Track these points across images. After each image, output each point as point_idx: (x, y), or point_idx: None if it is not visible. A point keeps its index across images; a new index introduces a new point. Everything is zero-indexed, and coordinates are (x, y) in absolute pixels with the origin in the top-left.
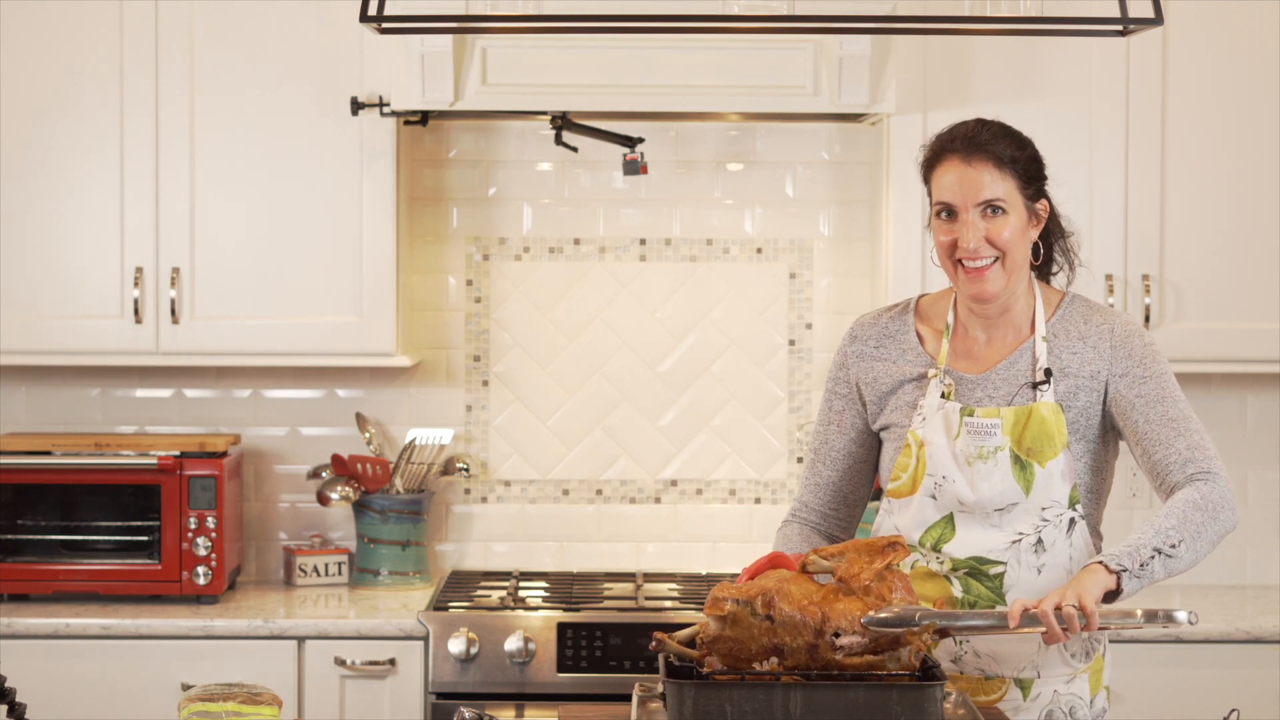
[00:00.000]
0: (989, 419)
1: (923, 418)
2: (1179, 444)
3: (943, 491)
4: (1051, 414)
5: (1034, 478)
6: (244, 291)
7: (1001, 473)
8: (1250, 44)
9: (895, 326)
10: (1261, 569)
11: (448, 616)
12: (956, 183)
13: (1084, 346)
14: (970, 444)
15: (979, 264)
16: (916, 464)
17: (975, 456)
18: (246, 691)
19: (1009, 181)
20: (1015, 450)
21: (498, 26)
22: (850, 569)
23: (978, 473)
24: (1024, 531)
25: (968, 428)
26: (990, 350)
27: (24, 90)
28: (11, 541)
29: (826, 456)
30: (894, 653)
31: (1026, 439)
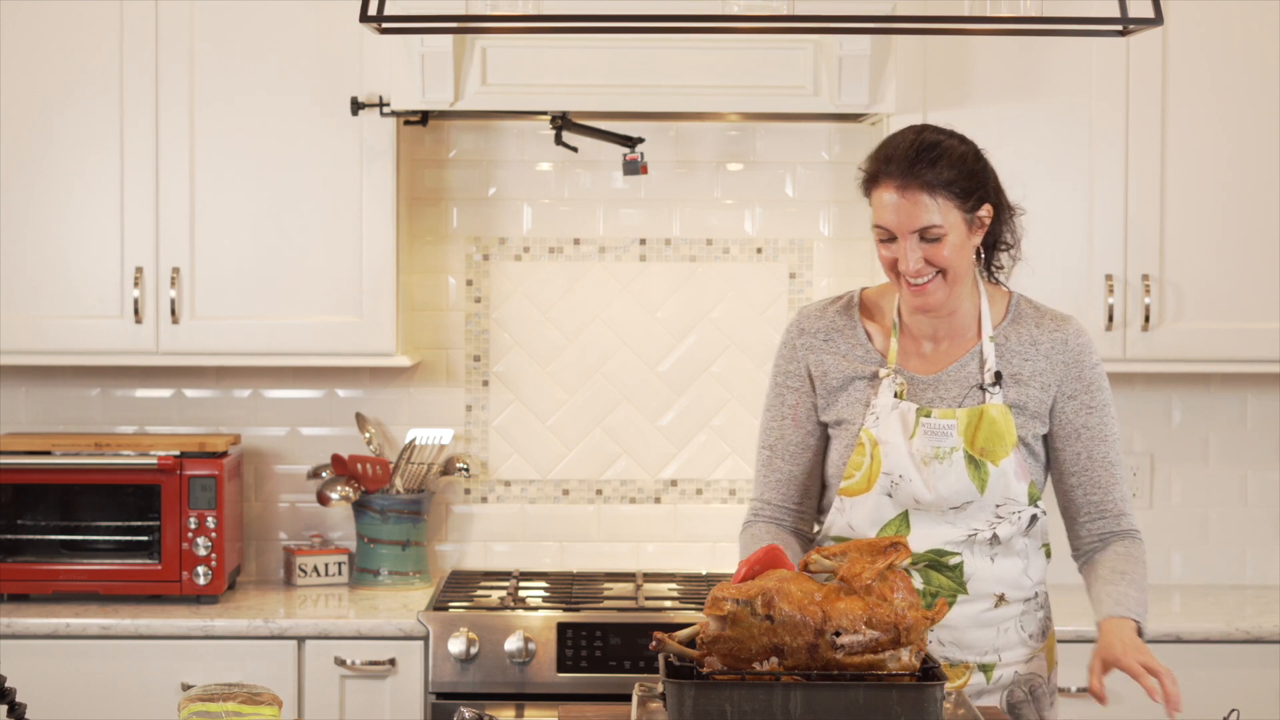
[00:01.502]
0: (945, 420)
1: (876, 416)
2: (1115, 493)
3: (899, 490)
4: (1001, 415)
5: (988, 476)
6: (244, 291)
7: (957, 472)
8: (1250, 44)
9: (842, 321)
10: (1261, 569)
11: (448, 616)
12: (893, 210)
13: (1036, 354)
14: (926, 444)
15: (921, 281)
16: (871, 462)
17: (931, 456)
18: (246, 691)
19: (946, 205)
20: (969, 450)
21: (498, 26)
22: (852, 569)
23: (934, 472)
24: (978, 528)
25: (924, 428)
26: (939, 352)
27: (24, 90)
28: (11, 541)
29: (785, 451)
30: (894, 652)
31: (979, 439)
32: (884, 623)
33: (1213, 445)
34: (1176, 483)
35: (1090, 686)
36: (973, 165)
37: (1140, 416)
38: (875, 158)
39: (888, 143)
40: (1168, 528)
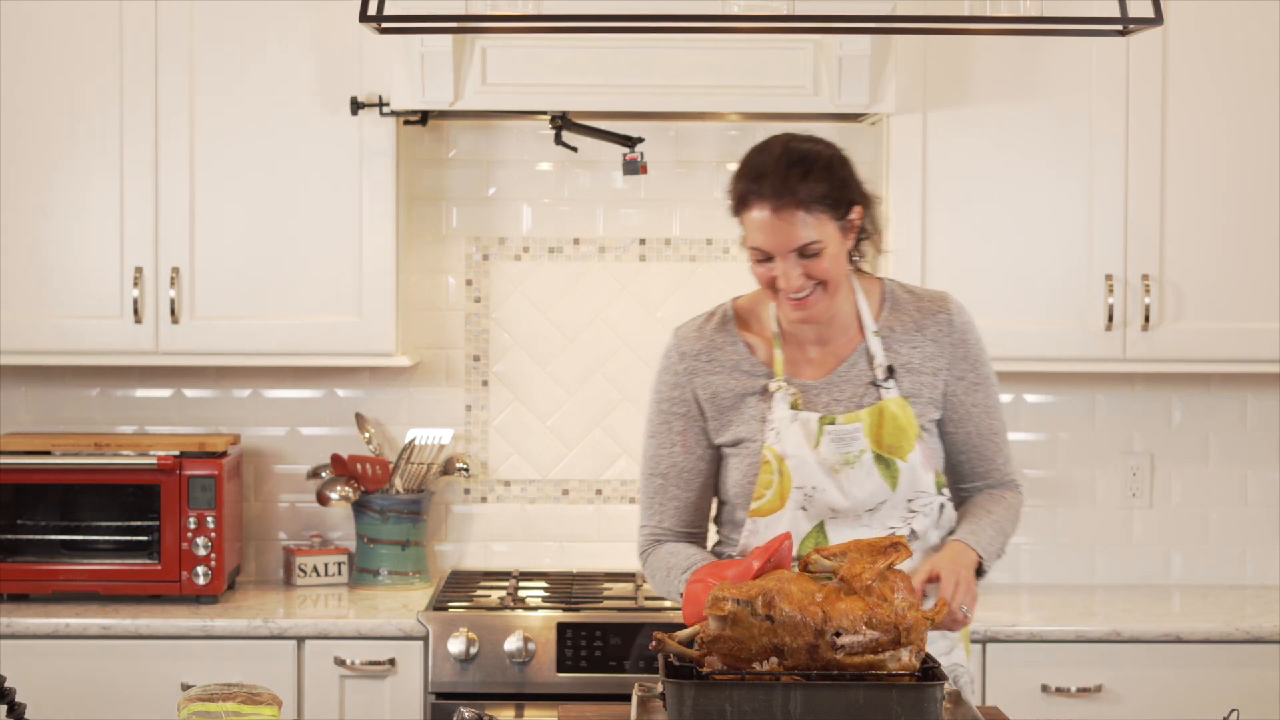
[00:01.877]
0: (851, 424)
1: (776, 432)
2: (999, 459)
3: (813, 501)
4: (900, 409)
5: (898, 473)
6: (244, 291)
7: (869, 474)
8: (1250, 44)
9: (721, 338)
10: (1261, 569)
11: (447, 616)
12: (769, 231)
13: (923, 340)
14: (835, 451)
15: (802, 295)
16: (780, 478)
17: (841, 463)
18: (246, 691)
19: (821, 218)
20: (876, 450)
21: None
22: (852, 569)
23: (846, 478)
24: (894, 526)
25: (829, 435)
26: (825, 354)
27: (24, 90)
28: (11, 541)
29: (678, 479)
30: (894, 653)
31: (884, 437)
32: (884, 623)
33: (1213, 445)
34: (1176, 483)
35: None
36: (840, 172)
37: (1140, 416)
38: (744, 176)
39: (755, 160)
40: (1168, 528)
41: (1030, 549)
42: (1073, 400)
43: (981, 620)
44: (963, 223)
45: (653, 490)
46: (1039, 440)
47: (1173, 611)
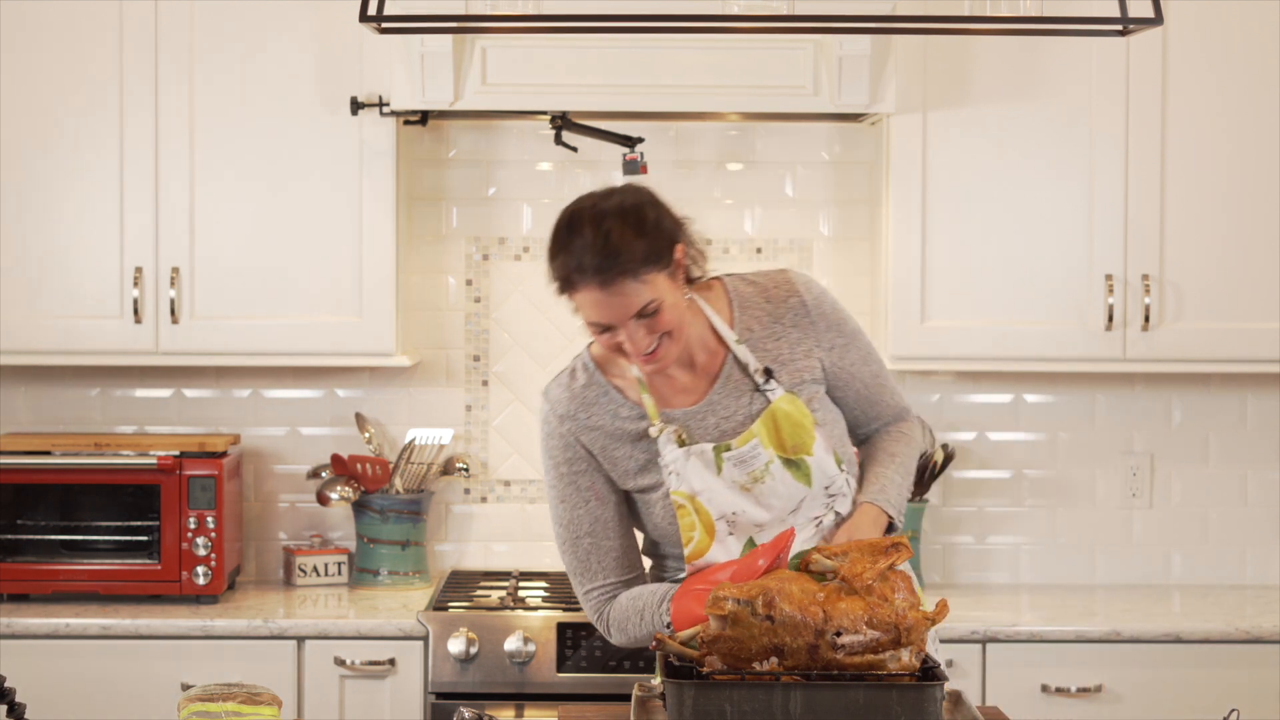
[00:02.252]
0: (746, 443)
1: (675, 474)
2: (885, 398)
3: (738, 526)
4: (791, 405)
5: (809, 470)
6: (244, 291)
7: (782, 481)
8: (1250, 44)
9: (591, 393)
10: (1261, 569)
11: (447, 616)
12: (604, 309)
13: (783, 328)
14: (740, 473)
15: (651, 350)
16: (699, 515)
17: (751, 481)
18: (246, 691)
19: (650, 277)
20: (782, 455)
21: (498, 26)
22: (853, 568)
23: (760, 492)
24: (818, 515)
25: (730, 461)
26: (694, 377)
27: (24, 90)
28: (11, 541)
29: (605, 531)
30: (894, 652)
31: (785, 440)
32: (885, 623)
33: (1213, 445)
34: (1176, 483)
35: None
36: (654, 221)
37: (1140, 416)
38: (562, 265)
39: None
40: (1168, 528)
41: (1030, 549)
42: (1073, 400)
43: (981, 620)
44: (963, 223)
45: (584, 552)
46: (1039, 440)
47: (1173, 611)
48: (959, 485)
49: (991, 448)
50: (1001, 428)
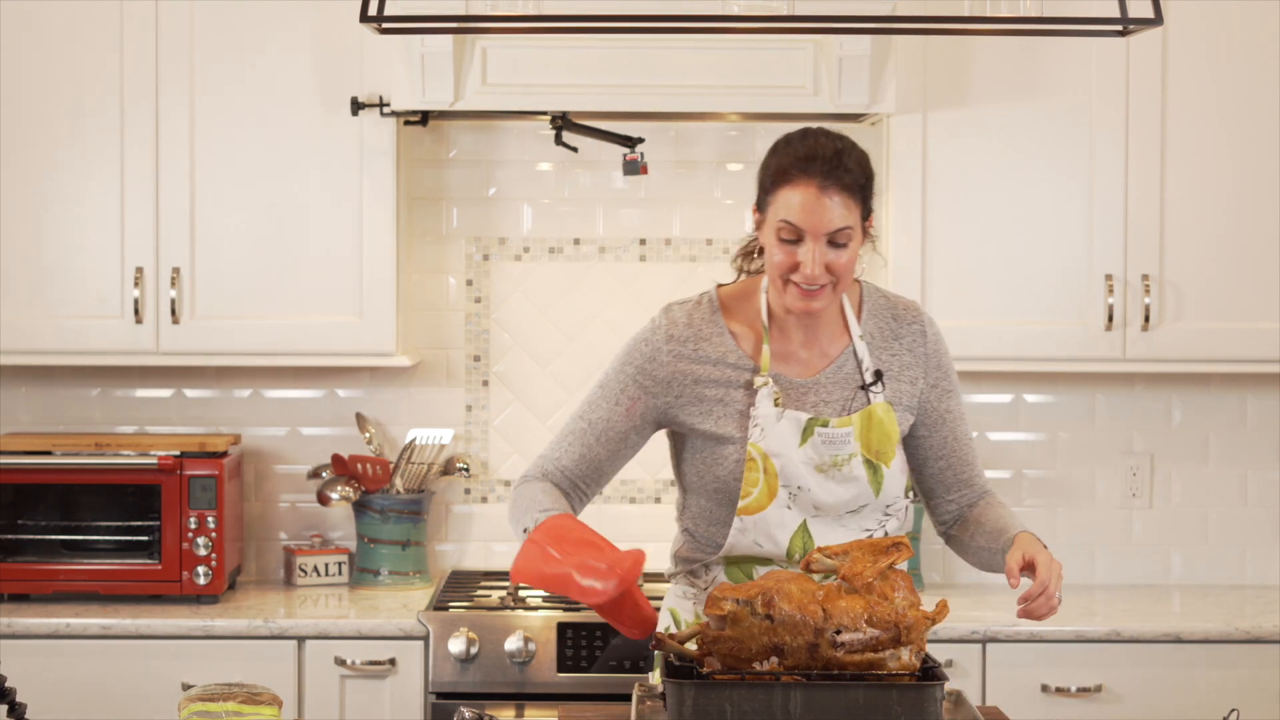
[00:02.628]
0: (843, 428)
1: (760, 429)
2: (976, 466)
3: (798, 501)
4: (886, 414)
5: (883, 479)
6: (244, 291)
7: (856, 477)
8: (1250, 44)
9: (708, 329)
10: (1261, 569)
11: (448, 616)
12: (809, 209)
13: (900, 349)
14: (824, 452)
15: (815, 287)
16: (766, 475)
17: (830, 464)
18: (246, 691)
19: (856, 210)
20: (865, 454)
21: (498, 26)
22: (854, 568)
23: (833, 479)
24: (870, 528)
25: (821, 437)
26: (811, 352)
27: (24, 90)
28: (11, 541)
29: (604, 435)
30: (894, 651)
31: (873, 442)
32: (884, 621)
33: (1213, 445)
34: (1176, 483)
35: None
36: (871, 172)
37: (1140, 416)
38: (790, 154)
39: (802, 142)
40: (1168, 528)
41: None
42: (1073, 400)
43: (981, 620)
44: (963, 222)
45: (573, 430)
46: (1039, 440)
47: (1173, 611)
48: None
49: (991, 448)
50: (1001, 428)
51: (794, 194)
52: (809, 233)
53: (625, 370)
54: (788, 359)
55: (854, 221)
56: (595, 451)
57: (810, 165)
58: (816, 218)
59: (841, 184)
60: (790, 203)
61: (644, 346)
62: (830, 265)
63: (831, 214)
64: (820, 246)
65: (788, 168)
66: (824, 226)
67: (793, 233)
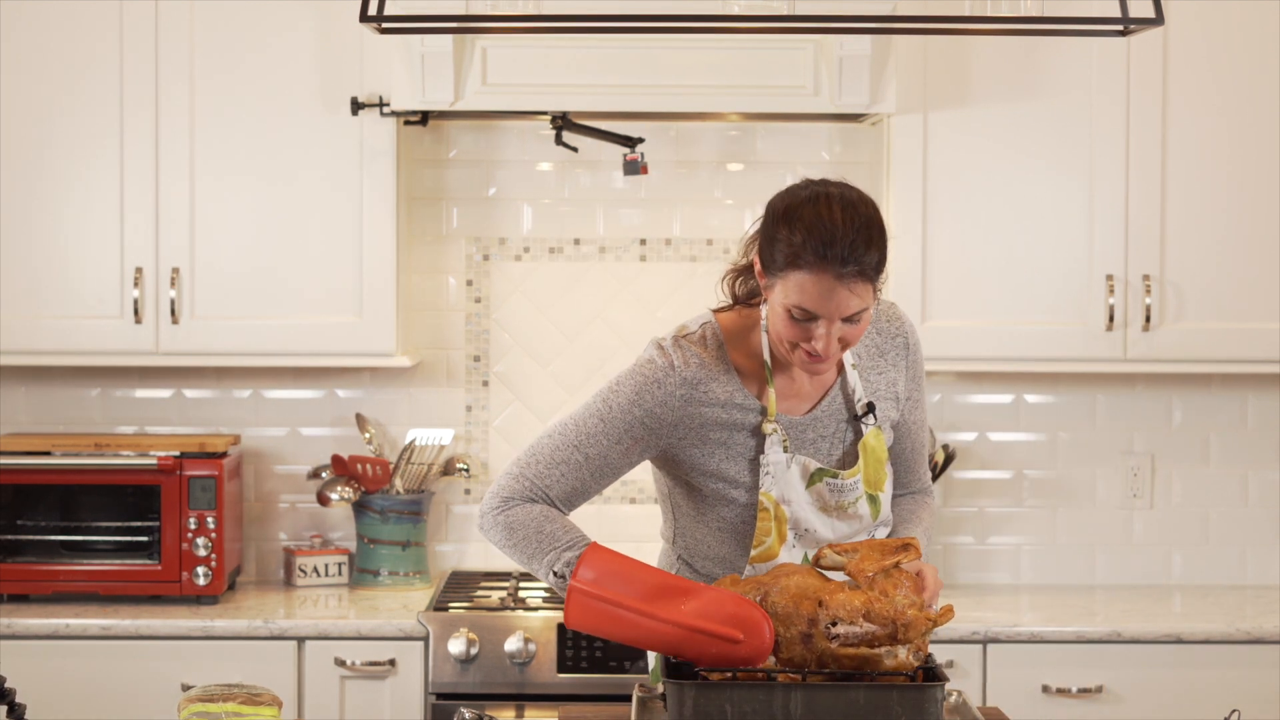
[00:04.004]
0: (851, 479)
1: (771, 476)
2: (921, 469)
3: (803, 540)
4: (877, 440)
5: (880, 506)
6: (244, 291)
7: (861, 513)
8: (1250, 44)
9: (717, 368)
10: (1261, 569)
11: (448, 617)
12: (824, 298)
13: (885, 364)
14: (830, 498)
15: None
16: (777, 521)
17: (835, 506)
18: (246, 692)
19: (870, 288)
20: (867, 490)
21: (498, 26)
22: (860, 564)
23: (837, 518)
24: None
25: (829, 487)
26: (812, 386)
27: (24, 90)
28: (11, 541)
29: (599, 470)
30: (891, 649)
31: (870, 475)
32: (882, 617)
33: (1213, 445)
34: (1177, 483)
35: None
36: (886, 238)
37: (1140, 416)
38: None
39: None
40: (1168, 528)
41: (1030, 549)
42: (1073, 400)
43: (981, 620)
44: (963, 223)
45: (568, 460)
46: (1039, 440)
47: (1173, 612)
48: (960, 486)
49: (992, 448)
50: (1002, 428)
51: (810, 280)
52: (824, 318)
53: (633, 412)
54: (788, 397)
55: (870, 299)
56: (586, 483)
57: (829, 252)
58: (834, 305)
59: (861, 272)
60: (805, 289)
61: (657, 390)
62: (843, 337)
63: (850, 301)
64: (835, 327)
65: (801, 253)
66: (841, 313)
67: (805, 314)
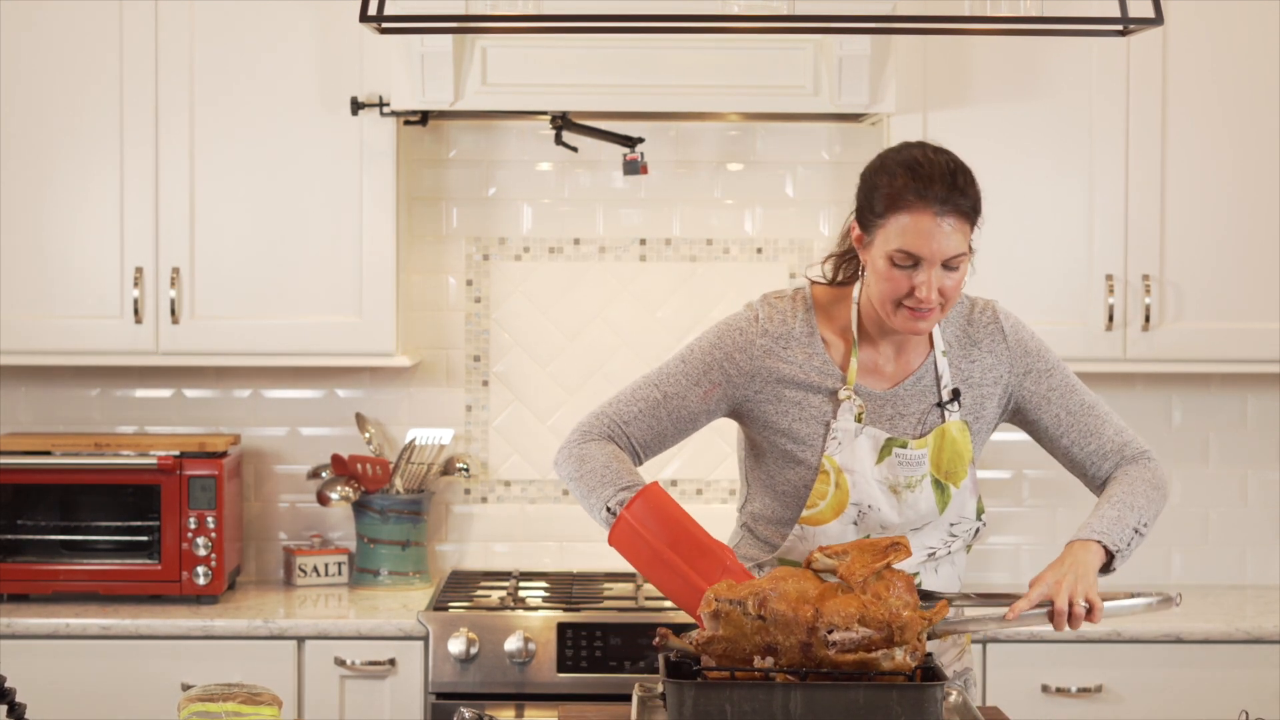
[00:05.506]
0: (919, 450)
1: (838, 442)
2: (1107, 431)
3: (865, 519)
4: (960, 433)
5: (950, 498)
6: (244, 291)
7: (925, 497)
8: (1250, 44)
9: (802, 329)
10: (1261, 569)
11: (448, 616)
12: (927, 237)
13: (980, 353)
14: (899, 473)
15: (924, 309)
16: (837, 490)
17: (903, 485)
18: (246, 692)
19: (969, 232)
20: (935, 475)
21: (498, 26)
22: (851, 567)
23: (904, 499)
24: (934, 547)
25: (898, 459)
26: (896, 364)
27: (24, 91)
28: (11, 541)
29: (676, 411)
30: (888, 651)
31: (944, 462)
32: (877, 620)
33: (1213, 445)
34: (1177, 483)
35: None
36: (980, 191)
37: (1140, 416)
38: (906, 176)
39: (914, 161)
40: (1168, 528)
41: (1030, 549)
42: None
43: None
44: None
45: (646, 397)
46: None
47: (1173, 611)
48: None
49: (992, 448)
50: (1002, 428)
51: (911, 220)
52: (926, 260)
53: (713, 353)
54: (871, 371)
55: (967, 245)
56: (664, 425)
57: (929, 190)
58: (935, 244)
59: (959, 209)
60: (906, 230)
61: (737, 335)
62: (943, 289)
63: (950, 240)
64: (936, 271)
65: (903, 192)
66: (942, 253)
67: (908, 259)
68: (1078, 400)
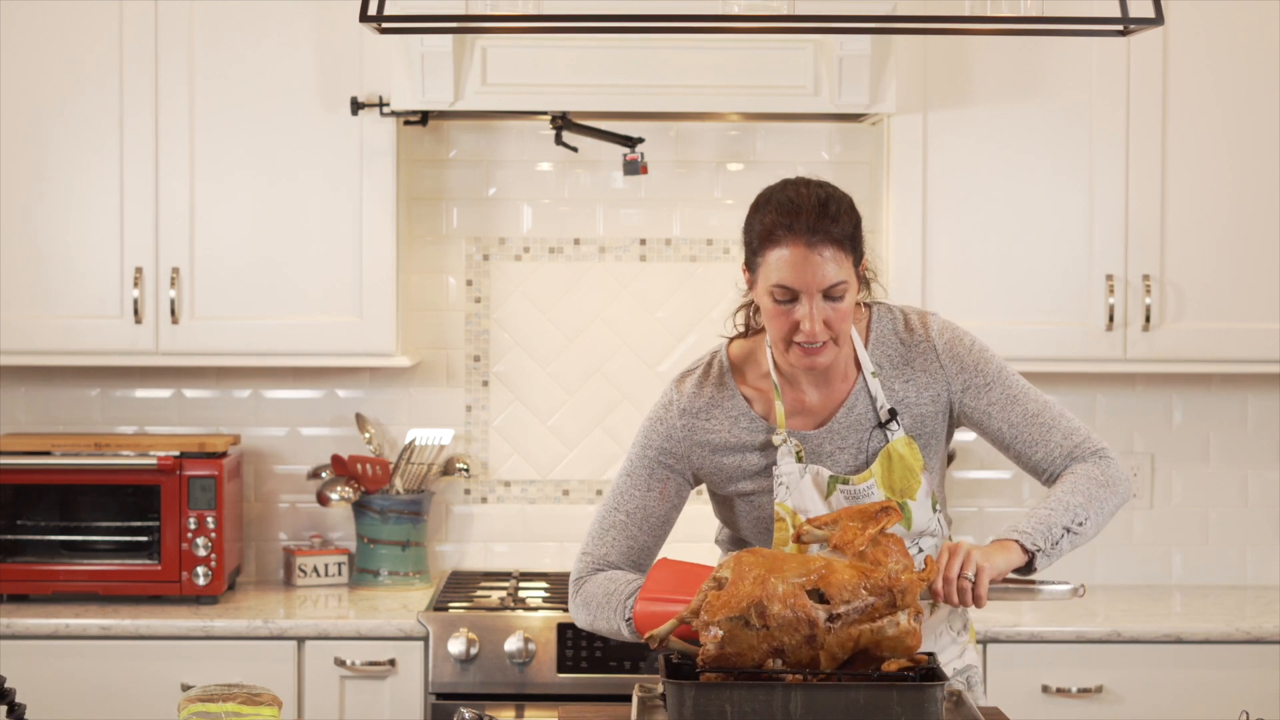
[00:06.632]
0: (864, 483)
1: (785, 487)
2: (1055, 436)
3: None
4: (908, 448)
5: (910, 513)
6: (244, 291)
7: None
8: (1250, 44)
9: (720, 395)
10: (1261, 569)
11: (447, 617)
12: (799, 268)
13: (914, 373)
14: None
15: (816, 344)
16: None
17: None
18: (246, 692)
19: (848, 260)
20: (890, 496)
21: (498, 26)
22: (844, 536)
23: None
24: None
25: (844, 494)
26: (823, 399)
27: (24, 90)
28: (11, 541)
29: (644, 522)
30: (892, 617)
31: (895, 481)
32: (879, 587)
33: (1213, 445)
34: (1177, 483)
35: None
36: (858, 216)
37: (1140, 416)
38: (775, 212)
39: (782, 197)
40: (1168, 528)
41: None
42: (1073, 400)
43: (981, 620)
44: (963, 222)
45: (610, 524)
46: None
47: (1173, 612)
48: (959, 485)
49: (992, 448)
50: None
51: (781, 254)
52: (803, 292)
53: (646, 454)
54: (799, 413)
55: (847, 274)
56: (642, 539)
57: (797, 221)
58: (809, 275)
59: (831, 238)
60: (781, 263)
61: (659, 426)
62: (828, 320)
63: (825, 269)
64: (816, 303)
65: (773, 227)
66: (819, 283)
67: (786, 294)
68: (1020, 410)
